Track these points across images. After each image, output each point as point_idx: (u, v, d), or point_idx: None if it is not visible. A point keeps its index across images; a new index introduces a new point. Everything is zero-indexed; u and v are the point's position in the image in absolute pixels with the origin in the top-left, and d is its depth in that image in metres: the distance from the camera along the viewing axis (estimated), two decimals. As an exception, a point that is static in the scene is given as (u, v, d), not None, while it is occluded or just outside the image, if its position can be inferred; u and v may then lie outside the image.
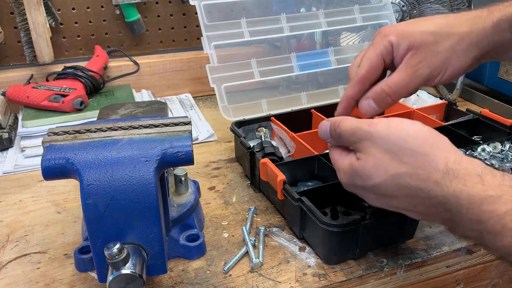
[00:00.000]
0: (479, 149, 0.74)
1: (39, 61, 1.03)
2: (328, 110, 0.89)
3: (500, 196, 0.41)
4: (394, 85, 0.54)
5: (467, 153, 0.73)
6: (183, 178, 0.65)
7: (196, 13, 0.88)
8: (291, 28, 0.94)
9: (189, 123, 0.53)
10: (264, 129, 0.85)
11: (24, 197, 0.77)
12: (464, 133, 0.80)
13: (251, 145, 0.77)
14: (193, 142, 0.75)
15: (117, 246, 0.46)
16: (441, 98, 0.95)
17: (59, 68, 1.06)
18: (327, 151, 0.74)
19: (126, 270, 0.47)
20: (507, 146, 0.75)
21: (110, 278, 0.47)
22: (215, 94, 0.88)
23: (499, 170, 0.45)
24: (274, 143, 0.82)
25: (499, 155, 0.73)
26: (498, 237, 0.41)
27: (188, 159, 0.50)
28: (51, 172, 0.48)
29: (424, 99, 0.97)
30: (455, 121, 0.88)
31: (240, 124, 0.85)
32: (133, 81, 1.14)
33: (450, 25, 0.54)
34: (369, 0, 1.04)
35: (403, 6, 1.10)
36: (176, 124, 0.53)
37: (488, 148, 0.74)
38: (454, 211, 0.43)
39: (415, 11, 1.11)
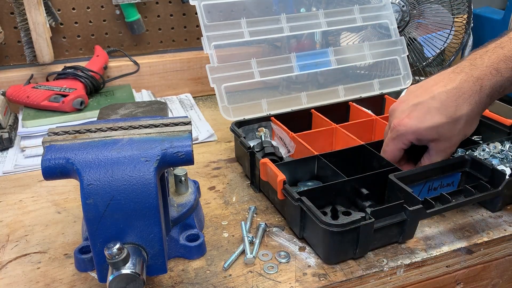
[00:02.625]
0: (479, 149, 0.74)
1: (39, 61, 1.03)
2: (328, 110, 0.89)
3: None
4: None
5: (467, 153, 0.73)
6: (183, 178, 0.66)
7: (196, 13, 0.88)
8: (291, 28, 0.94)
9: (189, 123, 0.53)
10: (264, 129, 0.85)
11: (24, 197, 0.77)
12: (464, 133, 0.80)
13: (251, 145, 0.77)
14: (193, 142, 0.75)
15: (117, 246, 0.46)
16: (441, 98, 0.95)
17: (59, 68, 1.06)
18: (327, 151, 0.75)
19: (126, 270, 0.47)
20: (507, 146, 0.74)
21: (110, 278, 0.47)
22: (215, 94, 0.88)
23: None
24: (274, 143, 0.82)
25: (499, 155, 0.73)
26: None
27: (188, 159, 0.50)
28: (51, 172, 0.48)
29: (424, 99, 0.97)
30: (455, 121, 0.88)
31: (240, 124, 0.85)
32: (133, 81, 1.14)
33: (455, 108, 0.62)
34: (369, 0, 1.04)
35: (403, 6, 1.10)
36: (176, 124, 0.53)
37: (488, 148, 0.74)
38: None
39: (415, 11, 1.11)
